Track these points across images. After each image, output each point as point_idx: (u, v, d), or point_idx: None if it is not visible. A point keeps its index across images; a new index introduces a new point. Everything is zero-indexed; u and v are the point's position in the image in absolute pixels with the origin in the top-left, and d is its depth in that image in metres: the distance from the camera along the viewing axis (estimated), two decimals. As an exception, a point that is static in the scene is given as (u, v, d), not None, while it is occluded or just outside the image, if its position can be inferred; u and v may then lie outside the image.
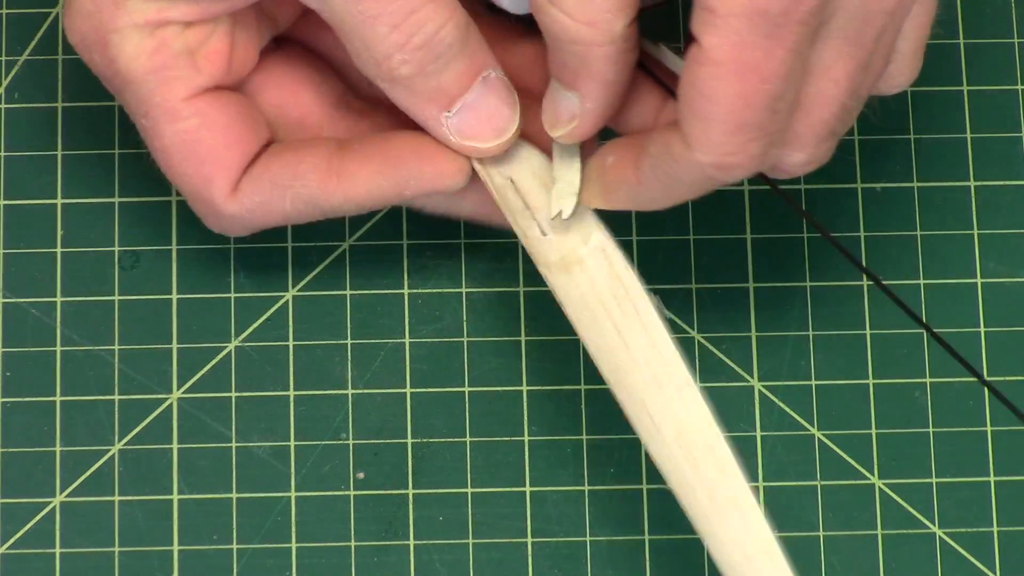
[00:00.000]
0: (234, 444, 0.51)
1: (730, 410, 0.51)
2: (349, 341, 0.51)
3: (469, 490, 0.51)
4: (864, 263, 0.52)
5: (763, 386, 0.51)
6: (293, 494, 0.51)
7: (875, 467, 0.51)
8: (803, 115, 0.41)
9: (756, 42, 0.39)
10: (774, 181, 0.43)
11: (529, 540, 0.51)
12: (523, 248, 0.52)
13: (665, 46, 0.45)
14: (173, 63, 0.44)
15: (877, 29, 0.41)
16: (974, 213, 0.53)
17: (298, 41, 0.48)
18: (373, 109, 0.48)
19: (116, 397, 0.51)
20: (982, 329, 0.52)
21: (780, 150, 0.42)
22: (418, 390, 0.51)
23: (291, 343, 0.51)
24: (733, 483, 0.44)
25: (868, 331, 0.52)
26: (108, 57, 0.44)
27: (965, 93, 0.53)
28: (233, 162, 0.45)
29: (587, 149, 0.46)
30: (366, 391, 0.51)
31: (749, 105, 0.40)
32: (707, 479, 0.44)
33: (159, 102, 0.44)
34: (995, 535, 0.51)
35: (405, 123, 0.46)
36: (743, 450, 0.51)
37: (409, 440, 0.51)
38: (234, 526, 0.50)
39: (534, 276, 0.52)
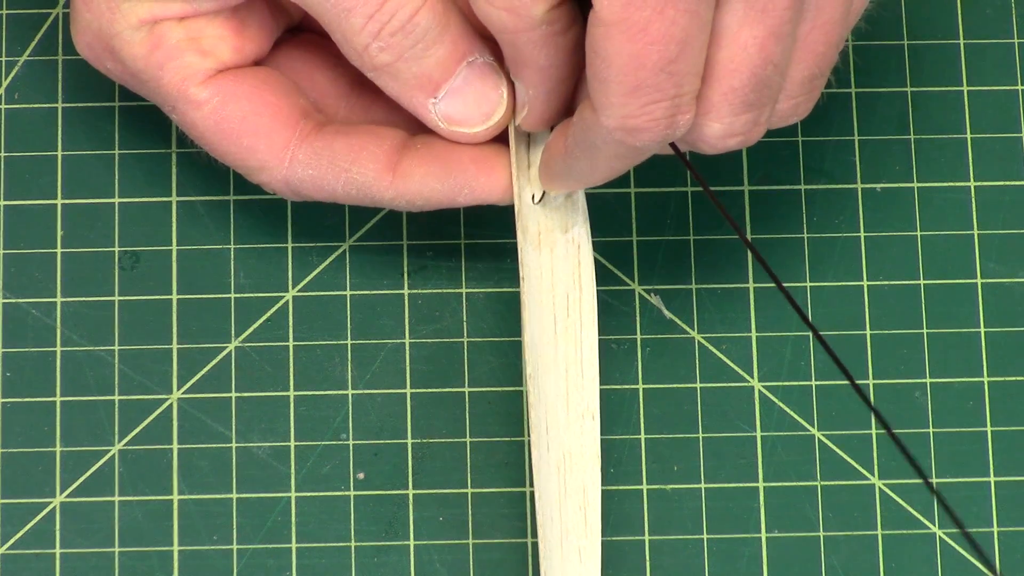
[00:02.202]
0: (234, 444, 0.51)
1: (730, 410, 0.51)
2: (349, 341, 0.51)
3: (469, 490, 0.51)
4: (864, 263, 0.52)
5: (763, 386, 0.51)
6: (293, 494, 0.51)
7: (875, 467, 0.51)
8: (714, 82, 0.41)
9: (645, 2, 0.39)
10: (678, 148, 0.43)
11: (529, 540, 0.51)
12: (523, 248, 0.52)
13: None
14: (176, 54, 0.45)
15: None
16: (974, 213, 0.53)
17: (313, 31, 0.49)
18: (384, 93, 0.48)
19: (116, 397, 0.51)
20: (982, 329, 0.52)
21: (698, 119, 0.42)
22: (418, 390, 0.51)
23: (291, 343, 0.51)
24: (588, 532, 0.44)
25: (868, 331, 0.52)
26: (118, 61, 0.45)
27: (965, 93, 0.53)
28: (271, 126, 0.46)
29: None
30: (366, 391, 0.51)
31: (641, 66, 0.40)
32: (568, 516, 0.45)
33: (175, 92, 0.45)
34: (995, 535, 0.51)
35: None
36: (743, 450, 0.51)
37: (409, 440, 0.51)
38: (234, 526, 0.50)
39: (534, 276, 0.52)
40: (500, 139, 0.47)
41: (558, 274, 0.46)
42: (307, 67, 0.48)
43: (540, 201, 0.46)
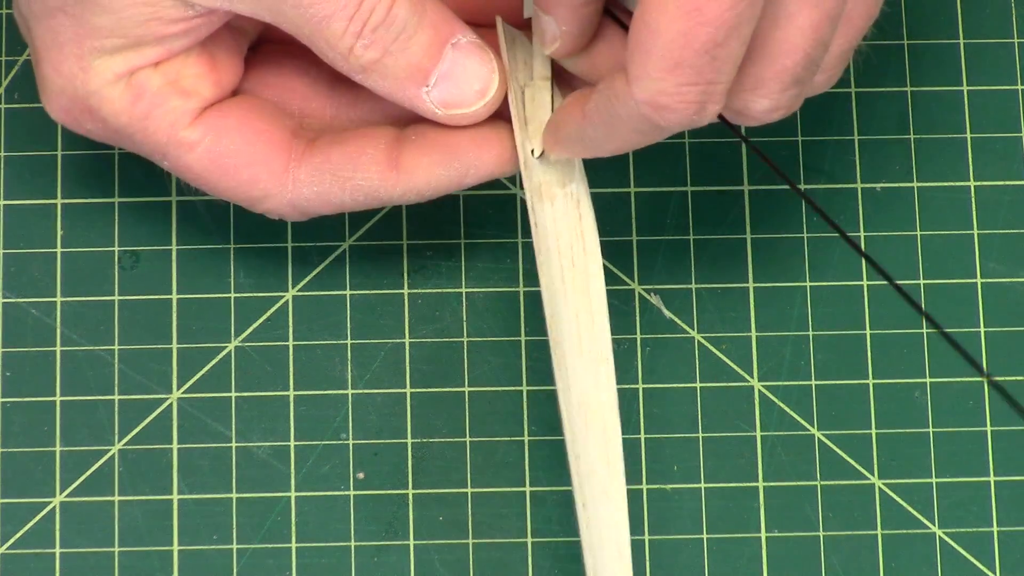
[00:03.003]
0: (234, 444, 0.51)
1: (730, 410, 0.51)
2: (349, 341, 0.51)
3: (469, 490, 0.51)
4: (864, 263, 0.52)
5: (763, 386, 0.51)
6: (293, 494, 0.51)
7: (875, 467, 0.51)
8: (768, 60, 0.41)
9: None
10: (738, 128, 0.44)
11: (529, 540, 0.51)
12: (523, 248, 0.52)
13: None
14: (160, 101, 0.44)
15: None
16: (974, 213, 0.53)
17: (273, 41, 0.48)
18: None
19: (116, 397, 0.51)
20: (982, 329, 0.52)
21: (746, 95, 0.42)
22: (418, 390, 0.51)
23: (291, 343, 0.51)
24: (612, 479, 0.45)
25: (868, 331, 0.52)
26: (99, 120, 0.45)
27: (965, 93, 0.53)
28: (267, 153, 0.45)
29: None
30: (366, 391, 0.51)
31: (688, 45, 0.40)
32: (593, 461, 0.45)
33: (167, 140, 0.45)
34: (995, 535, 0.51)
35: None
36: (743, 450, 0.51)
37: (409, 440, 0.51)
38: (234, 526, 0.50)
39: (534, 276, 0.52)
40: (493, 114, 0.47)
41: (560, 225, 0.46)
42: (282, 79, 0.48)
43: (539, 157, 0.46)
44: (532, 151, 0.46)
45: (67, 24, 0.43)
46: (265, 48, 0.48)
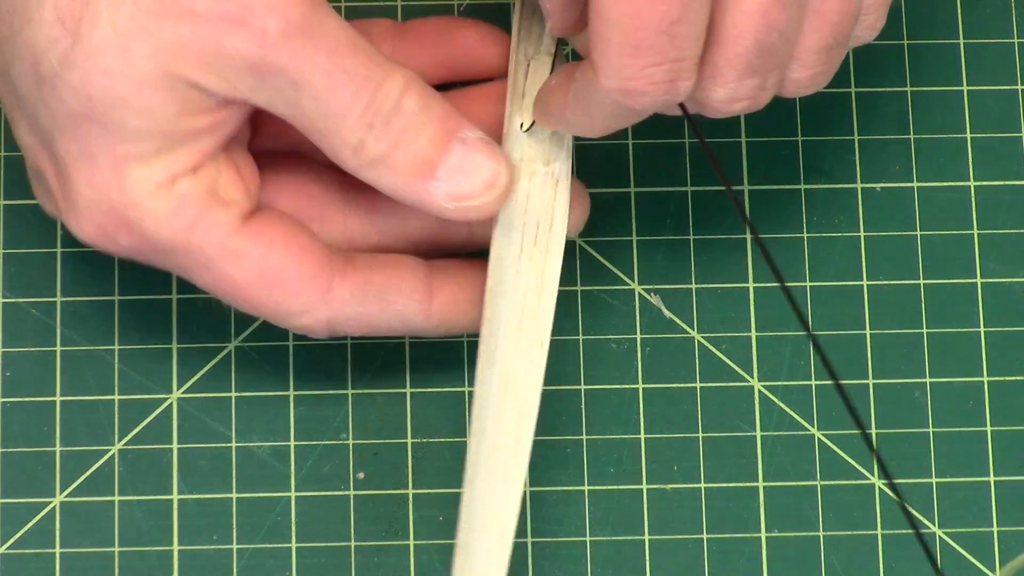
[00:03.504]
0: (234, 444, 0.51)
1: (730, 410, 0.51)
2: (349, 341, 0.51)
3: (469, 490, 0.51)
4: (864, 263, 0.52)
5: (763, 386, 0.51)
6: (293, 494, 0.51)
7: (875, 467, 0.51)
8: (718, 47, 0.41)
9: None
10: (688, 112, 0.44)
11: (529, 540, 0.51)
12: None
13: None
14: (205, 210, 0.43)
15: None
16: (974, 213, 0.53)
17: (267, 151, 0.47)
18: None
19: (116, 397, 0.51)
20: (982, 329, 0.52)
21: (703, 83, 0.42)
22: (418, 390, 0.51)
23: (291, 343, 0.51)
24: (518, 453, 0.45)
25: (868, 331, 0.52)
26: (137, 235, 0.43)
27: (965, 93, 0.53)
28: (313, 268, 0.44)
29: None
30: (366, 391, 0.51)
31: (642, 26, 0.40)
32: (499, 436, 0.45)
33: (212, 252, 0.43)
34: (995, 535, 0.51)
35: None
36: (743, 450, 0.51)
37: (409, 440, 0.51)
38: (234, 526, 0.50)
39: (534, 276, 0.52)
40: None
41: (532, 201, 0.46)
42: (294, 184, 0.47)
43: (527, 129, 0.46)
44: (521, 124, 0.46)
45: (96, 132, 0.42)
46: (265, 158, 0.47)
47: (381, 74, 0.43)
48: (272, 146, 0.47)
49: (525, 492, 0.51)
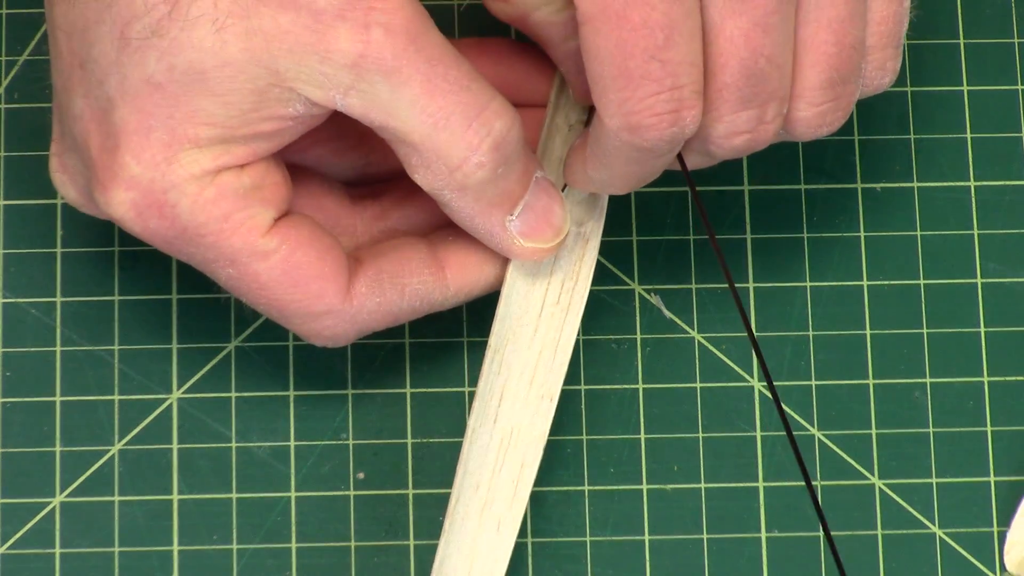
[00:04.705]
0: (234, 444, 0.51)
1: (730, 410, 0.51)
2: (349, 341, 0.51)
3: (469, 490, 0.51)
4: (864, 263, 0.52)
5: (763, 386, 0.51)
6: (293, 494, 0.51)
7: (875, 467, 0.51)
8: (709, 79, 0.41)
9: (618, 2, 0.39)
10: (681, 159, 0.44)
11: (529, 540, 0.51)
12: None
13: None
14: (243, 204, 0.43)
15: None
16: (974, 213, 0.53)
17: (289, 163, 0.47)
18: (385, 195, 0.48)
19: (116, 397, 0.51)
20: (982, 329, 0.52)
21: (703, 121, 0.42)
22: (418, 390, 0.51)
23: (291, 343, 0.51)
24: (514, 505, 0.45)
25: (868, 331, 0.52)
26: (169, 217, 0.42)
27: (965, 93, 0.53)
28: (335, 268, 0.44)
29: None
30: (366, 391, 0.51)
31: (629, 55, 0.40)
32: (498, 487, 0.46)
33: (242, 246, 0.43)
34: (995, 535, 0.51)
35: (423, 202, 0.47)
36: (743, 450, 0.51)
37: (409, 440, 0.51)
38: (234, 526, 0.50)
39: (534, 276, 0.52)
40: None
41: (559, 262, 0.46)
42: (308, 195, 0.47)
43: (563, 191, 0.46)
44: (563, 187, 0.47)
45: (163, 106, 0.41)
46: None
47: (485, 97, 0.42)
48: (295, 160, 0.47)
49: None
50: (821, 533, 0.51)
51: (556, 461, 0.51)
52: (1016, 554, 0.50)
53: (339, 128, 0.46)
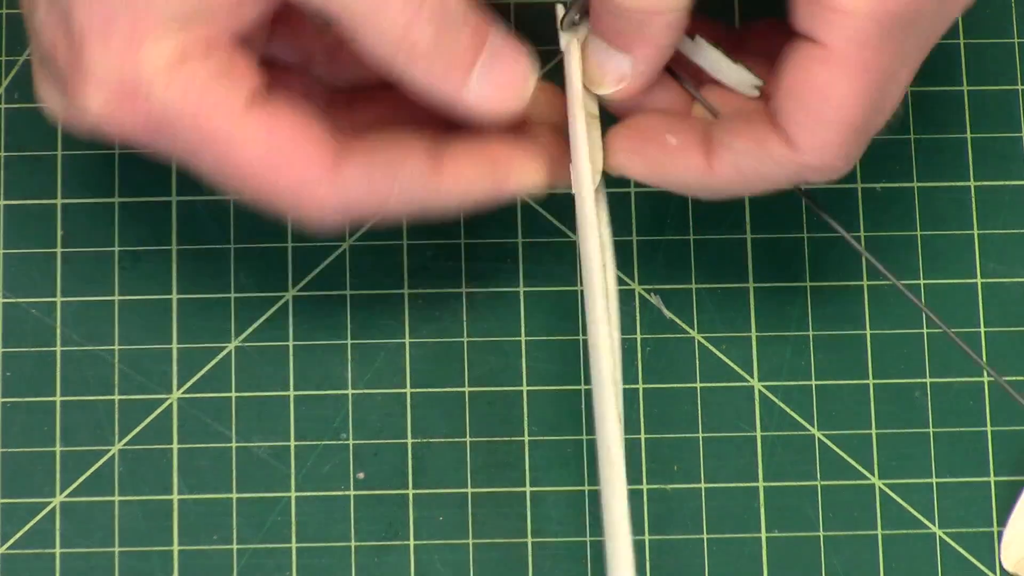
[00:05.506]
0: (234, 444, 0.51)
1: (730, 410, 0.51)
2: (349, 341, 0.51)
3: (469, 490, 0.51)
4: (865, 263, 0.52)
5: (763, 386, 0.51)
6: (293, 494, 0.51)
7: (875, 467, 0.51)
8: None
9: (877, 44, 0.40)
10: (810, 191, 0.45)
11: (529, 540, 0.51)
12: (523, 248, 0.52)
13: (701, 38, 0.45)
14: (214, 87, 0.43)
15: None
16: (974, 213, 0.53)
17: (276, 64, 0.47)
18: (362, 98, 0.48)
19: (116, 397, 0.51)
20: (982, 329, 0.52)
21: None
22: (418, 390, 0.51)
23: (291, 343, 0.51)
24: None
25: (868, 331, 0.52)
26: (143, 112, 0.43)
27: (965, 93, 0.53)
28: (321, 147, 0.44)
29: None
30: (366, 391, 0.51)
31: (865, 107, 0.40)
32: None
33: (219, 125, 0.43)
34: (995, 535, 0.51)
35: (403, 104, 0.46)
36: (743, 450, 0.51)
37: (409, 440, 0.51)
38: (234, 526, 0.50)
39: (534, 276, 0.52)
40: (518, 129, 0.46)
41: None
42: (298, 98, 0.46)
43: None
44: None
45: (118, 4, 0.42)
46: (272, 74, 0.47)
47: None
48: (282, 57, 0.47)
49: (525, 492, 0.51)
50: (821, 533, 0.51)
51: (556, 461, 0.51)
52: (1013, 551, 0.50)
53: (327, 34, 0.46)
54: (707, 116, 0.45)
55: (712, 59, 0.45)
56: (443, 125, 0.46)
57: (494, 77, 0.44)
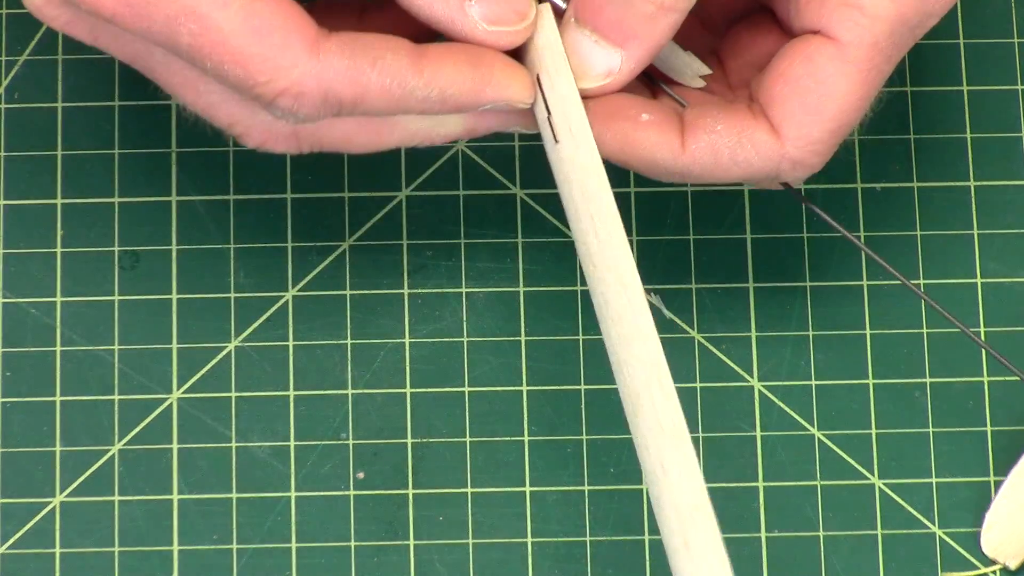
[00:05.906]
0: (234, 444, 0.51)
1: (730, 410, 0.51)
2: (349, 341, 0.51)
3: (469, 490, 0.51)
4: (864, 263, 0.52)
5: (763, 386, 0.51)
6: (293, 494, 0.51)
7: (875, 467, 0.51)
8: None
9: (885, 46, 0.40)
10: (796, 189, 0.45)
11: (529, 540, 0.51)
12: (523, 248, 0.52)
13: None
14: None
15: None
16: (974, 213, 0.53)
17: None
18: (372, 8, 0.47)
19: (116, 397, 0.51)
20: (982, 329, 0.52)
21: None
22: (418, 390, 0.51)
23: (291, 343, 0.51)
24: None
25: (868, 331, 0.52)
26: None
27: (965, 93, 0.53)
28: (299, 19, 0.43)
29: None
30: (366, 391, 0.51)
31: (860, 105, 0.41)
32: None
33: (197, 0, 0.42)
34: (995, 535, 0.51)
35: (397, 25, 0.45)
36: (743, 450, 0.51)
37: (409, 440, 0.51)
38: (234, 526, 0.50)
39: (534, 276, 0.52)
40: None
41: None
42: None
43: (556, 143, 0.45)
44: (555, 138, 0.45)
45: None
46: None
47: None
48: None
49: (525, 492, 0.51)
50: (821, 533, 0.51)
51: (556, 461, 0.51)
52: (993, 536, 0.50)
53: None
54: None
55: (678, 60, 0.45)
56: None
57: (497, 4, 0.43)
